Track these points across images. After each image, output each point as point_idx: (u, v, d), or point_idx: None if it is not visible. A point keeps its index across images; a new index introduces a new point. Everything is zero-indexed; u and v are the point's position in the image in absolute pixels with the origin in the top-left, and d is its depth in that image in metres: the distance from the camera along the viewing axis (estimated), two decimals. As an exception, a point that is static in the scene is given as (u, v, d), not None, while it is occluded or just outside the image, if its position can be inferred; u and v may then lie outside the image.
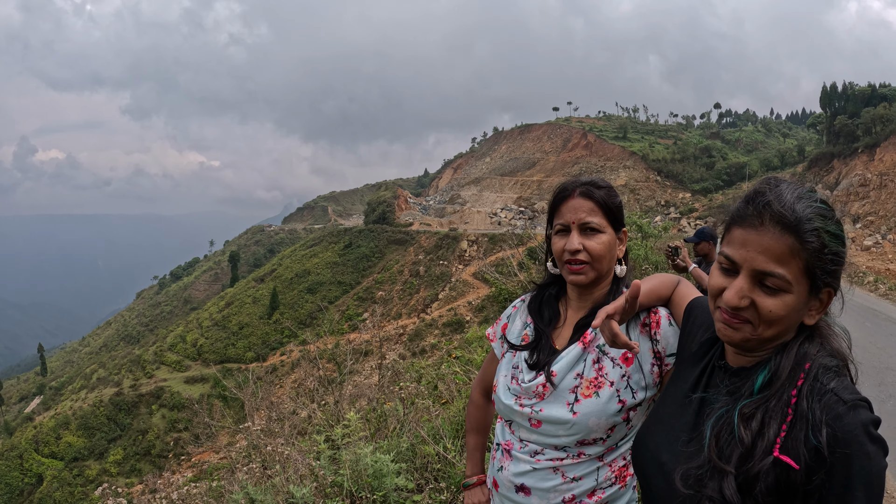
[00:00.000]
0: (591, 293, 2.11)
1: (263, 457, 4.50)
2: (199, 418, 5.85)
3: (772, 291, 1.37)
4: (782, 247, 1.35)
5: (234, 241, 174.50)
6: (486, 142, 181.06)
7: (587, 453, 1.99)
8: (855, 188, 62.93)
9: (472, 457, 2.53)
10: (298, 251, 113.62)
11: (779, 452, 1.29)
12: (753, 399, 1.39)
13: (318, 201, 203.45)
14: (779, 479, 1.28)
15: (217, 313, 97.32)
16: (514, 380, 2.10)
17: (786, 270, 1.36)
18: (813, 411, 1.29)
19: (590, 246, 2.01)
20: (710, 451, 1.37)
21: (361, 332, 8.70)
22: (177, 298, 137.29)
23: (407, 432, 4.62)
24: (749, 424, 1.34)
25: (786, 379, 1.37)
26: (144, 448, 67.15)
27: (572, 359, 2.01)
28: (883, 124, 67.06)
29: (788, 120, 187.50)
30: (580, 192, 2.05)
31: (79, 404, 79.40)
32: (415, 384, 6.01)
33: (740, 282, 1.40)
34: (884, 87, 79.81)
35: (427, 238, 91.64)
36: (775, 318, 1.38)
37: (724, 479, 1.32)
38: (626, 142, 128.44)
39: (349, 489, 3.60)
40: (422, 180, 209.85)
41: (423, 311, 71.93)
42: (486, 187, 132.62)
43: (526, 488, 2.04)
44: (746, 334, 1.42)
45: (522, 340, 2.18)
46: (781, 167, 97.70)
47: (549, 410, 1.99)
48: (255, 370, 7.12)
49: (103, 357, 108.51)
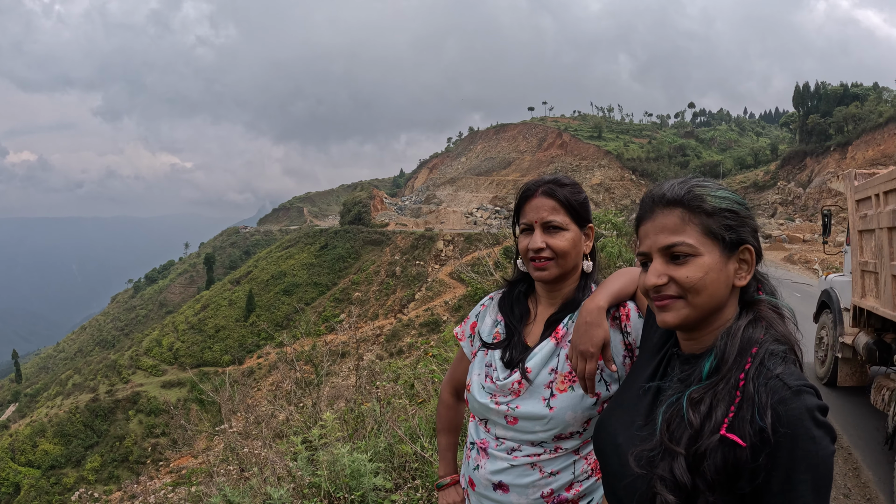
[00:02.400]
0: (559, 289, 2.13)
1: (241, 459, 4.50)
2: (176, 422, 5.82)
3: (682, 260, 1.45)
4: (674, 219, 1.46)
5: (210, 243, 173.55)
6: (462, 142, 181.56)
7: (564, 447, 2.01)
8: (827, 186, 63.73)
9: (445, 457, 2.54)
10: (274, 253, 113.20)
11: (725, 431, 1.32)
12: (702, 385, 1.42)
13: (293, 202, 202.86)
14: (726, 458, 1.31)
15: (193, 316, 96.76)
16: (488, 378, 2.11)
17: (684, 236, 1.44)
18: (759, 394, 1.32)
19: (553, 243, 2.03)
20: (662, 434, 1.41)
21: (338, 333, 8.69)
22: (152, 302, 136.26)
23: (384, 432, 4.64)
24: (698, 408, 1.37)
25: (732, 364, 1.39)
26: (122, 454, 66.57)
27: (546, 354, 2.03)
28: (855, 123, 68.15)
29: (762, 119, 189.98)
30: (542, 191, 2.08)
31: (55, 411, 78.60)
32: (391, 384, 6.03)
33: (653, 265, 1.49)
34: (856, 87, 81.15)
35: (403, 238, 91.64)
36: (696, 283, 1.44)
37: (675, 459, 1.35)
38: (601, 141, 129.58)
39: (327, 490, 3.61)
40: (397, 180, 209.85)
41: (400, 311, 71.94)
42: (461, 187, 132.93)
43: (504, 485, 2.05)
44: (680, 310, 1.47)
45: (494, 338, 2.19)
46: (755, 165, 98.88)
47: (525, 407, 2.01)
48: (231, 373, 7.09)
49: (79, 363, 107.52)
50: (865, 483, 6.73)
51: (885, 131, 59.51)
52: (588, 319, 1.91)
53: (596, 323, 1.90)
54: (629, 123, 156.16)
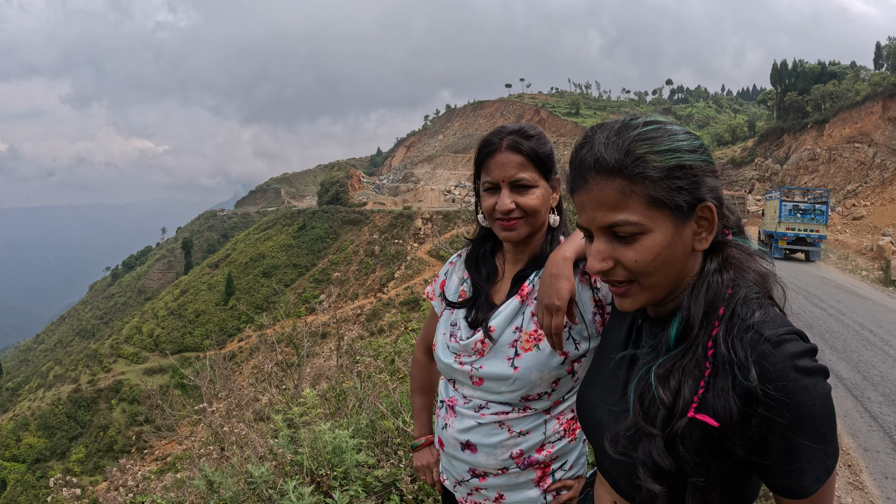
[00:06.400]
0: (527, 245, 2.02)
1: (220, 438, 4.48)
2: (159, 410, 5.79)
3: (629, 240, 1.26)
4: (613, 192, 1.25)
5: (187, 228, 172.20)
6: (439, 119, 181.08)
7: (533, 407, 1.93)
8: (804, 162, 64.37)
9: (419, 417, 2.47)
10: (252, 235, 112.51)
11: (695, 412, 1.20)
12: (669, 356, 1.28)
13: (270, 183, 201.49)
14: (708, 435, 1.19)
15: (172, 302, 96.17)
16: (452, 337, 2.04)
17: (628, 213, 1.24)
18: (735, 353, 1.19)
19: (523, 202, 1.90)
20: (636, 414, 1.28)
21: (319, 313, 8.68)
22: (131, 289, 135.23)
23: (366, 409, 4.63)
24: (667, 384, 1.24)
25: (699, 329, 1.25)
26: (106, 444, 66.13)
27: (510, 313, 1.94)
28: (832, 101, 68.68)
29: (739, 96, 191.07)
30: (507, 145, 1.91)
31: (37, 404, 77.99)
32: (371, 359, 6.01)
33: (595, 244, 1.31)
34: (833, 65, 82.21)
35: (381, 217, 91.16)
36: (646, 266, 1.26)
37: (653, 442, 1.23)
38: (578, 118, 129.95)
39: (309, 467, 3.61)
40: (375, 159, 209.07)
41: (380, 290, 71.69)
42: (439, 165, 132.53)
43: (472, 445, 1.98)
44: (638, 296, 1.32)
45: (460, 297, 2.11)
46: (732, 142, 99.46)
47: (489, 367, 1.93)
48: (212, 357, 7.05)
49: (59, 354, 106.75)
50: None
51: (861, 110, 59.98)
52: (554, 271, 1.79)
53: (562, 275, 1.78)
54: (606, 100, 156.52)
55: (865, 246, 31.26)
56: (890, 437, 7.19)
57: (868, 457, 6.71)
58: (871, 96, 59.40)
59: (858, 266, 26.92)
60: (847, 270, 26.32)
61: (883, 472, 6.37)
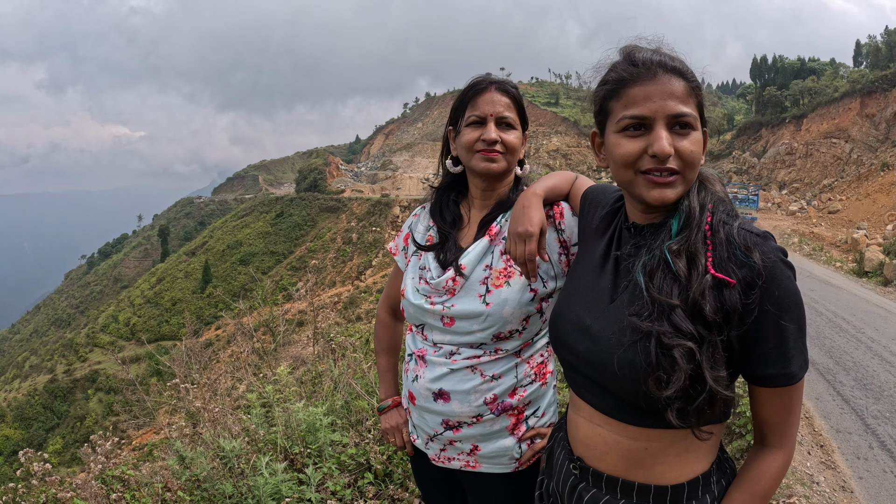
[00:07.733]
0: (495, 189, 2.12)
1: (193, 415, 4.47)
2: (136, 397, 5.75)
3: (684, 133, 1.44)
4: (682, 88, 1.44)
5: (164, 215, 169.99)
6: (419, 107, 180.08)
7: (504, 348, 1.99)
8: (782, 156, 65.07)
9: (385, 378, 2.48)
10: (229, 222, 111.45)
11: (714, 271, 1.36)
12: (674, 239, 1.44)
13: (248, 171, 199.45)
14: (719, 301, 1.34)
15: (149, 290, 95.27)
16: (422, 280, 2.09)
17: (691, 108, 1.44)
18: (731, 236, 1.39)
19: (506, 139, 2.02)
20: (651, 291, 1.40)
21: (296, 301, 8.64)
22: (106, 277, 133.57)
23: (341, 389, 4.64)
24: (681, 257, 1.39)
25: (698, 218, 1.43)
26: (84, 435, 65.35)
27: (480, 251, 2.02)
28: (810, 96, 69.27)
29: (719, 89, 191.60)
30: (497, 87, 2.06)
31: (13, 395, 77.04)
32: (345, 337, 6.01)
33: (661, 131, 1.43)
34: (812, 62, 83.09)
35: (359, 205, 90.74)
36: (696, 158, 1.45)
37: (673, 312, 1.35)
38: (557, 108, 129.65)
39: (283, 445, 3.62)
40: (353, 147, 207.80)
41: (357, 278, 71.60)
42: (418, 153, 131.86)
43: (445, 394, 2.02)
44: (678, 187, 1.46)
45: (427, 241, 2.17)
46: (711, 135, 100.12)
47: (461, 305, 1.98)
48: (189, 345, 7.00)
49: (34, 343, 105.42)
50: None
51: (839, 106, 60.55)
52: (525, 203, 1.90)
53: (533, 206, 1.89)
54: (587, 91, 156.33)
55: (840, 239, 31.63)
56: (861, 419, 7.34)
57: (840, 438, 6.85)
58: (850, 93, 59.97)
59: (833, 258, 27.25)
60: (821, 262, 26.71)
61: (855, 453, 6.51)
